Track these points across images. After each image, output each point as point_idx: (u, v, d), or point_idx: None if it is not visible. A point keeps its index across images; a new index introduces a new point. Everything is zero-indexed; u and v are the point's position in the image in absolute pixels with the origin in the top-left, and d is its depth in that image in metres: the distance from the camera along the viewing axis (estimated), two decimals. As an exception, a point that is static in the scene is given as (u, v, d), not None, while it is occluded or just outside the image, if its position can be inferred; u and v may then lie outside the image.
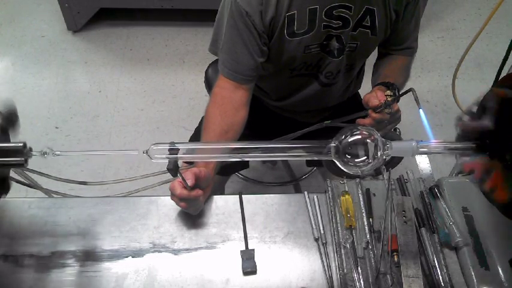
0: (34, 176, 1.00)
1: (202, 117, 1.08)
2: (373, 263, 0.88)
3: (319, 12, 1.01)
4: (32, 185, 0.99)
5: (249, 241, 0.92)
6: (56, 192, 1.03)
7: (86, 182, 1.02)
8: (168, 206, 0.97)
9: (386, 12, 1.06)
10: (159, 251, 0.91)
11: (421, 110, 0.90)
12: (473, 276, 0.86)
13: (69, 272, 0.88)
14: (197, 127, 1.39)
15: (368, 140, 0.70)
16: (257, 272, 0.89)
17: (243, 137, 1.08)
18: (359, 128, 0.71)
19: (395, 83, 1.07)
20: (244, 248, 0.92)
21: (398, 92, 1.04)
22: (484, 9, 2.75)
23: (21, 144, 0.70)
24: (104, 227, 0.94)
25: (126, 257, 0.90)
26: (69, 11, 2.41)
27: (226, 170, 1.37)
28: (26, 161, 0.71)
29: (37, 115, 2.18)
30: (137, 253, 0.91)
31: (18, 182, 0.95)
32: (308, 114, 1.35)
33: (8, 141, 0.74)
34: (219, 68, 1.09)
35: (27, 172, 0.98)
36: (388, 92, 1.01)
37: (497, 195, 0.70)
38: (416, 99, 0.92)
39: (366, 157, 0.70)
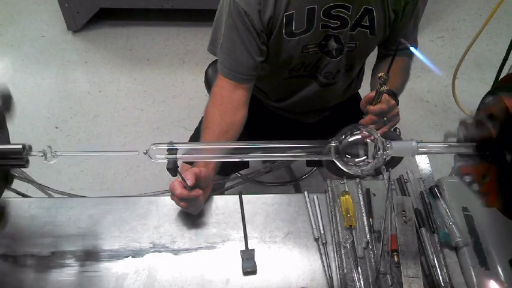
0: (33, 176, 1.00)
1: (202, 117, 1.08)
2: (373, 263, 0.88)
3: (317, 11, 1.01)
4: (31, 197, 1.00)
5: (249, 241, 0.92)
6: (56, 191, 1.02)
7: (84, 196, 1.01)
8: (168, 206, 0.97)
9: (385, 12, 1.06)
10: (159, 251, 0.91)
11: (411, 48, 0.90)
12: (473, 276, 0.86)
13: (69, 272, 0.88)
14: (197, 127, 1.39)
15: (368, 140, 0.70)
16: (257, 272, 0.89)
17: (242, 137, 1.08)
18: (359, 127, 0.71)
19: (395, 83, 1.07)
20: (244, 248, 0.92)
21: (394, 94, 1.04)
22: (484, 9, 2.75)
23: (21, 146, 0.69)
24: (104, 227, 0.94)
25: (126, 257, 0.90)
26: (69, 11, 2.41)
27: (226, 170, 1.37)
28: (26, 161, 0.71)
29: (37, 115, 2.18)
30: (137, 253, 0.91)
31: (15, 191, 0.96)
32: (308, 115, 1.35)
33: (4, 126, 0.74)
34: (218, 68, 1.09)
35: (26, 173, 0.98)
36: (382, 75, 0.99)
37: (489, 201, 0.70)
38: (405, 43, 0.89)
39: (366, 157, 0.70)
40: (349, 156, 0.70)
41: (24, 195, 0.99)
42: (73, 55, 2.45)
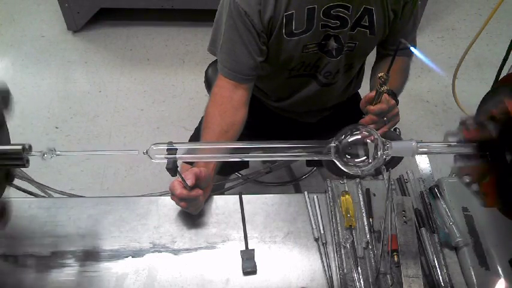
0: (33, 176, 1.00)
1: (202, 117, 1.08)
2: (373, 263, 0.88)
3: (317, 11, 1.01)
4: (34, 193, 0.99)
5: (249, 241, 0.92)
6: (56, 190, 1.02)
7: (83, 196, 1.01)
8: (168, 206, 0.97)
9: (385, 11, 1.06)
10: (159, 251, 0.91)
11: (412, 48, 0.90)
12: (473, 276, 0.86)
13: (69, 272, 0.88)
14: (197, 127, 1.39)
15: (368, 140, 0.70)
16: (257, 272, 0.89)
17: (242, 138, 1.08)
18: (359, 127, 0.71)
19: (395, 83, 1.07)
20: (244, 248, 0.92)
21: (394, 94, 1.04)
22: (484, 9, 2.75)
23: (20, 147, 0.69)
24: (104, 227, 0.94)
25: (126, 257, 0.90)
26: (69, 11, 2.41)
27: (226, 170, 1.37)
28: (27, 161, 0.70)
29: (37, 115, 2.18)
30: (137, 253, 0.91)
31: (19, 189, 0.95)
32: (308, 115, 1.35)
33: (4, 124, 0.74)
34: (218, 68, 1.09)
35: (26, 173, 0.98)
36: (382, 75, 0.99)
37: (487, 201, 0.70)
38: (405, 43, 0.89)
39: (366, 157, 0.70)
40: (349, 157, 0.70)
41: (27, 192, 0.99)
42: (73, 55, 2.45)
